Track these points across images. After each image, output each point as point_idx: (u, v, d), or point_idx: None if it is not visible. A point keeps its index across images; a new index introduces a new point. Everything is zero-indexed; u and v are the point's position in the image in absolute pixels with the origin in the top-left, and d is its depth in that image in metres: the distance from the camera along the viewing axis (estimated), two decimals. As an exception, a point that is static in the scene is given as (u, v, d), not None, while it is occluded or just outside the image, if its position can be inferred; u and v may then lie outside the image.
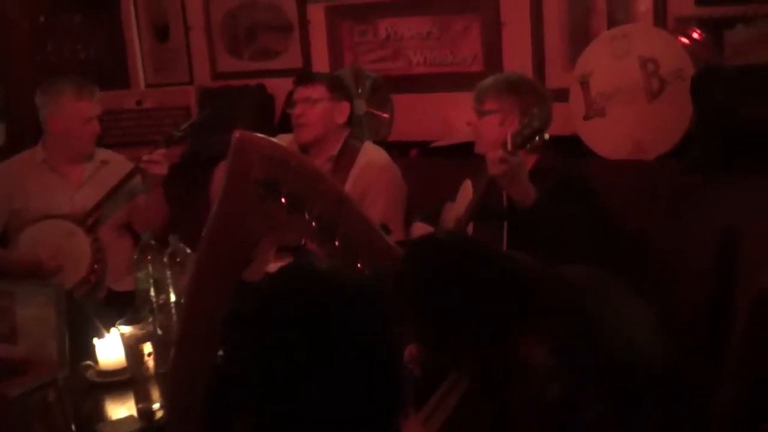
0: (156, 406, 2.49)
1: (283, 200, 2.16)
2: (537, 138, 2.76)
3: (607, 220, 2.96)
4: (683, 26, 3.52)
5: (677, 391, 1.92)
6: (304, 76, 3.76)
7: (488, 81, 3.17)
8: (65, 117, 3.71)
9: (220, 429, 2.32)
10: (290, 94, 3.82)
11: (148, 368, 2.52)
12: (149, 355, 2.53)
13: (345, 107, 3.62)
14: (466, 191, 3.19)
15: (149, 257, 2.89)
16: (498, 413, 1.85)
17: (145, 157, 3.61)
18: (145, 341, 2.54)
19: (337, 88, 3.64)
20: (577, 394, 1.76)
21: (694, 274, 3.09)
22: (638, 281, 2.07)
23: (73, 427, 2.33)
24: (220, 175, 3.33)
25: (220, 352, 1.59)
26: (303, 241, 2.45)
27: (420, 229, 3.23)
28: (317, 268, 1.49)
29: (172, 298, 2.83)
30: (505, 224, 2.91)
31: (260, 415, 1.42)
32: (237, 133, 2.15)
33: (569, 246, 2.72)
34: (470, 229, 3.03)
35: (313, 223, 2.19)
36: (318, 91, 3.56)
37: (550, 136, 3.10)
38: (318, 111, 3.55)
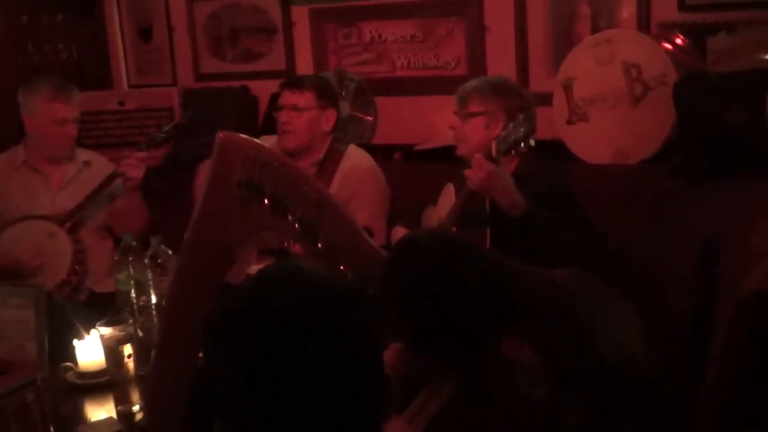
0: (136, 408, 2.48)
1: (266, 201, 2.15)
2: (522, 144, 2.75)
3: (590, 227, 2.96)
4: (666, 32, 3.54)
5: (663, 397, 1.91)
6: (293, 81, 3.68)
7: (471, 83, 3.16)
8: (39, 117, 3.70)
9: (201, 432, 2.31)
10: (275, 96, 3.80)
11: (128, 370, 2.50)
12: (129, 356, 2.52)
13: (332, 115, 3.57)
14: (449, 195, 3.18)
15: (130, 258, 2.87)
16: (484, 414, 1.85)
17: (122, 163, 3.60)
18: (125, 343, 2.52)
19: (325, 95, 3.58)
20: (564, 396, 1.76)
21: (677, 280, 3.08)
22: (622, 287, 2.06)
23: (52, 429, 2.31)
24: (203, 173, 3.32)
25: (202, 355, 1.56)
26: (286, 243, 2.44)
27: (401, 233, 3.22)
28: (301, 270, 1.48)
29: (153, 299, 2.81)
30: (488, 230, 2.91)
31: (243, 418, 1.40)
32: (220, 134, 2.13)
33: (555, 252, 2.72)
34: (453, 234, 3.02)
35: (297, 225, 2.18)
36: (305, 99, 3.50)
37: (534, 140, 3.10)
38: (304, 120, 3.49)
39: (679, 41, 3.49)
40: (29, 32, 4.62)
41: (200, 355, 2.32)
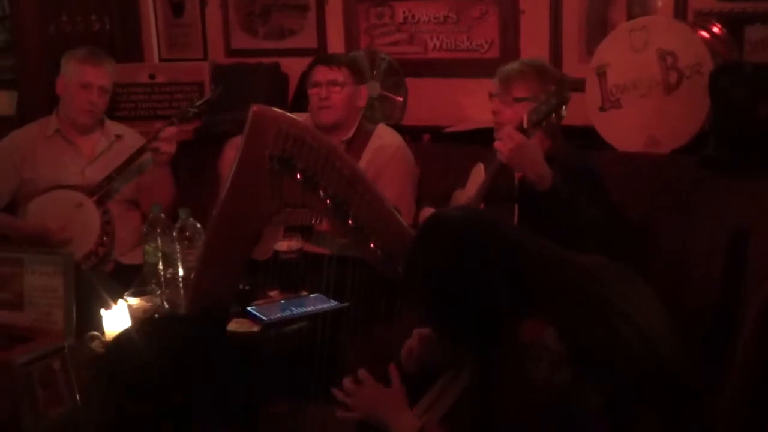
0: (160, 378, 2.48)
1: (298, 176, 2.15)
2: (554, 115, 2.74)
3: (617, 209, 2.95)
4: (703, 20, 3.50)
5: (684, 387, 1.90)
6: (327, 57, 3.74)
7: (513, 67, 3.12)
8: (67, 79, 3.74)
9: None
10: (305, 73, 3.79)
11: (154, 341, 2.51)
12: (156, 328, 2.52)
13: (364, 91, 3.64)
14: (478, 175, 3.17)
15: (158, 230, 2.88)
16: (503, 397, 1.84)
17: (155, 143, 3.61)
18: (152, 314, 2.52)
19: (358, 72, 3.65)
20: (585, 381, 1.75)
21: (702, 272, 3.06)
22: (646, 275, 2.05)
23: (77, 397, 2.33)
24: (229, 151, 3.32)
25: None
26: (314, 220, 2.44)
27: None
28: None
29: (180, 272, 2.82)
30: (516, 207, 2.90)
31: None
32: (254, 107, 2.13)
33: (582, 229, 2.70)
34: (481, 210, 3.01)
35: (328, 202, 2.19)
36: (343, 74, 3.55)
37: (566, 126, 3.08)
38: (344, 95, 3.54)
39: (716, 30, 3.45)
40: (62, 3, 4.62)
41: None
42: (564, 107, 2.77)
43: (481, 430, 1.93)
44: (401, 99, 4.18)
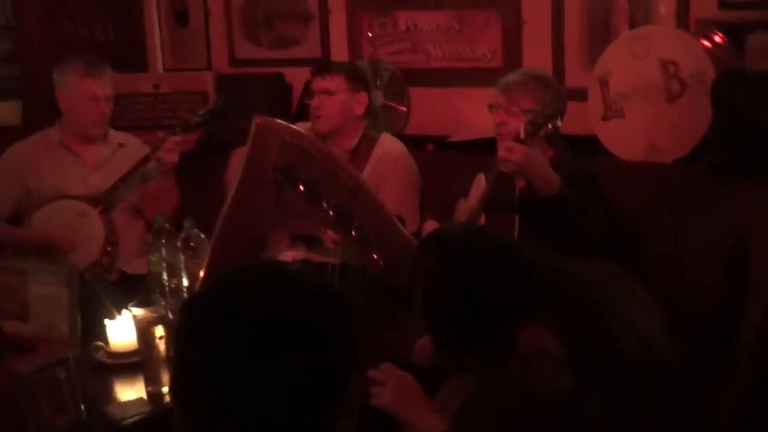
0: (165, 389, 2.49)
1: (300, 188, 2.16)
2: (549, 125, 2.76)
3: (621, 219, 2.95)
4: (705, 29, 3.50)
5: (683, 392, 1.91)
6: (323, 65, 3.71)
7: (515, 78, 3.12)
8: (71, 94, 3.72)
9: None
10: (308, 83, 3.81)
11: (159, 351, 2.52)
12: (161, 338, 2.53)
13: (363, 98, 3.57)
14: (479, 185, 3.18)
15: (163, 240, 2.89)
16: (507, 403, 1.85)
17: (159, 152, 3.61)
18: (156, 324, 2.53)
19: (356, 78, 3.59)
20: (586, 387, 1.76)
21: (706, 279, 3.06)
22: (649, 283, 2.06)
23: (82, 407, 2.33)
24: (236, 161, 3.32)
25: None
26: (319, 231, 2.45)
27: (432, 227, 3.21)
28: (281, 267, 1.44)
29: (185, 282, 2.83)
30: (516, 217, 2.91)
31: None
32: (257, 118, 2.14)
33: (588, 238, 2.70)
34: (482, 221, 3.02)
35: (331, 212, 2.20)
36: (336, 82, 3.52)
37: (568, 135, 3.09)
38: (336, 103, 3.49)
39: (717, 39, 3.45)
40: (66, 12, 4.64)
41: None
42: (560, 117, 2.78)
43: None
44: (404, 108, 4.18)
